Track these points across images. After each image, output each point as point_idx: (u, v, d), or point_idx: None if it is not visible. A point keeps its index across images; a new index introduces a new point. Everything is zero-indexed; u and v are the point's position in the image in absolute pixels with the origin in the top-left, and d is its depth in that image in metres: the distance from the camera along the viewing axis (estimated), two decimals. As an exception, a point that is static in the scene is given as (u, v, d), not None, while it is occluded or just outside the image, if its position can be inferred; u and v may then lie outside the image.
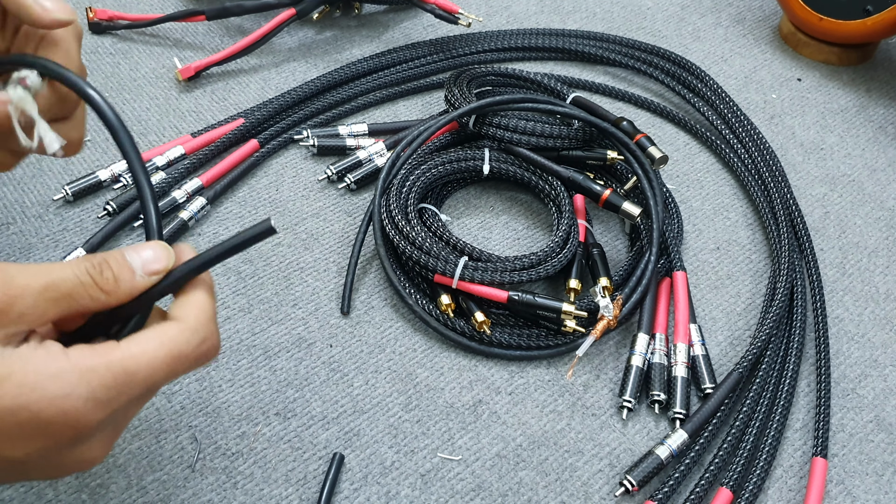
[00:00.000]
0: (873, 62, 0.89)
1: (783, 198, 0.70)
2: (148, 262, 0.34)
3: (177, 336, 0.33)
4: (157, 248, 0.35)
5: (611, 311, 0.56)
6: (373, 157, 0.70)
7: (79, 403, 0.31)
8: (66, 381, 0.31)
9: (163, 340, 0.33)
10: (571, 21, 0.90)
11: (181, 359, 0.33)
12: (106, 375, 0.31)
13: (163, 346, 0.33)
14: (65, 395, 0.30)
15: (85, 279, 0.33)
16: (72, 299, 0.32)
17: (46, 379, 0.30)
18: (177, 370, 0.33)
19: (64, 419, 0.31)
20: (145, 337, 0.33)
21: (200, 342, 0.34)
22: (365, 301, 0.61)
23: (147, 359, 0.32)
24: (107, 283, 0.33)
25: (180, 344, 0.33)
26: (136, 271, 0.34)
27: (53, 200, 0.65)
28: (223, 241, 0.35)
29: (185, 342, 0.33)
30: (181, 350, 0.33)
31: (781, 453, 0.55)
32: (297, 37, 0.84)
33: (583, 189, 0.64)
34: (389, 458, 0.53)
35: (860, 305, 0.65)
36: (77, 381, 0.31)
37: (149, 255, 0.34)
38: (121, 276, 0.33)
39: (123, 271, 0.34)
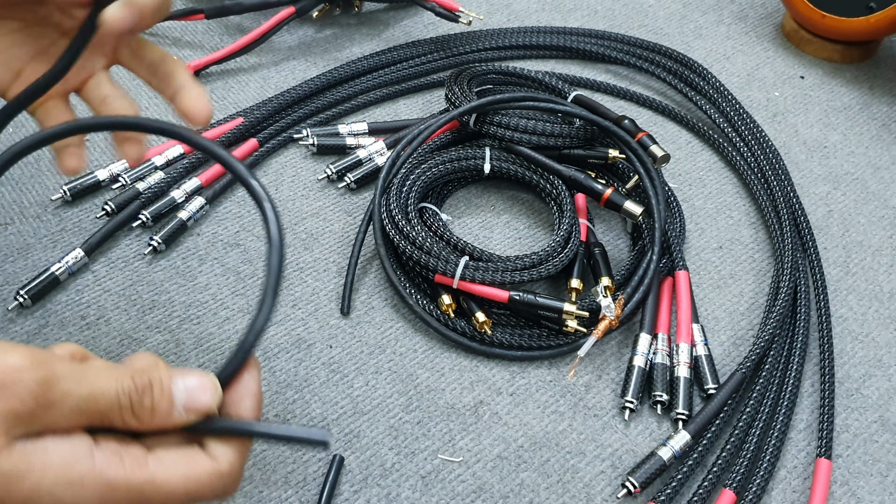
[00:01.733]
0: (876, 59, 0.88)
1: (786, 196, 0.69)
2: (192, 398, 0.32)
3: (203, 477, 0.32)
4: (206, 381, 0.33)
5: (612, 311, 0.55)
6: (373, 156, 0.70)
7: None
8: (84, 493, 0.29)
9: (188, 475, 0.32)
10: (572, 19, 0.90)
11: (198, 496, 0.32)
12: (123, 498, 0.30)
13: (187, 482, 0.32)
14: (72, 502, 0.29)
15: (124, 402, 0.31)
16: (104, 417, 0.31)
17: (64, 485, 0.29)
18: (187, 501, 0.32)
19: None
20: (174, 463, 0.32)
21: (223, 487, 0.33)
22: (365, 301, 0.61)
23: (168, 488, 0.31)
24: (143, 411, 0.31)
25: (203, 485, 0.32)
26: (177, 405, 0.32)
27: (52, 200, 0.65)
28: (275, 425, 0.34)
29: (208, 485, 0.32)
30: (202, 490, 0.32)
31: (785, 454, 0.55)
32: (296, 35, 0.84)
33: (584, 188, 0.64)
34: (390, 460, 0.52)
35: (864, 304, 0.64)
36: (94, 495, 0.30)
37: (195, 387, 0.32)
38: (158, 408, 0.32)
39: (162, 403, 0.32)
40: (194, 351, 0.56)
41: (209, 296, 0.60)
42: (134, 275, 0.61)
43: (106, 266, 0.61)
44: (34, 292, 0.57)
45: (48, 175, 0.67)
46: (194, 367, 0.33)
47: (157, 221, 0.64)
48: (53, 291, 0.59)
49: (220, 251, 0.63)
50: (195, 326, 0.58)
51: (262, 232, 0.65)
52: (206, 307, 0.59)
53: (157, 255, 0.62)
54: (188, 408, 0.32)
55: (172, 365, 0.55)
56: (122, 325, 0.57)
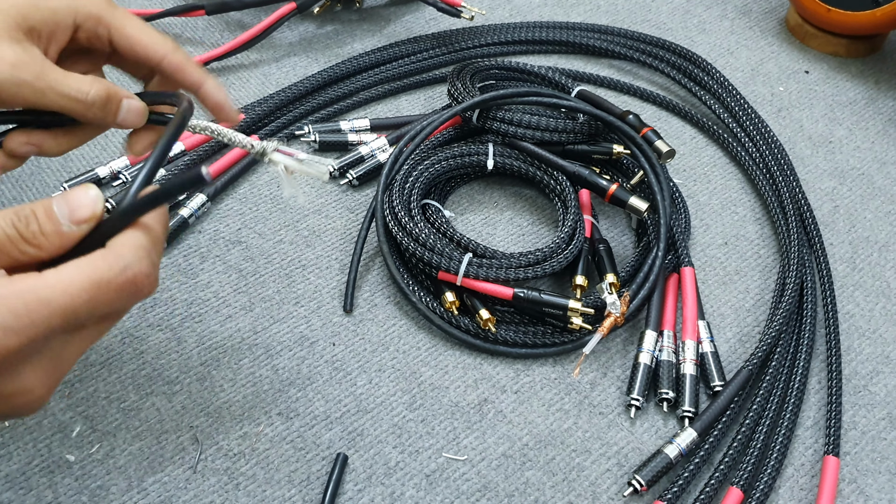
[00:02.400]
0: (882, 54, 0.88)
1: (792, 192, 0.69)
2: (74, 209, 0.33)
3: (96, 262, 0.32)
4: (85, 192, 0.33)
5: (618, 308, 0.55)
6: (375, 152, 0.69)
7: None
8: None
9: (81, 267, 0.32)
10: (575, 14, 0.89)
11: (101, 285, 0.32)
12: (16, 303, 0.30)
13: (80, 272, 0.31)
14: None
15: (11, 233, 0.32)
16: (1, 252, 0.32)
17: None
18: (98, 297, 0.32)
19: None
20: (66, 266, 0.32)
21: (123, 268, 0.32)
22: (368, 299, 0.60)
23: (63, 285, 0.31)
24: (33, 237, 0.32)
25: (100, 270, 0.32)
26: (63, 221, 0.32)
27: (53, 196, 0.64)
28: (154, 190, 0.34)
29: (106, 268, 0.32)
30: (101, 276, 0.32)
31: (792, 452, 0.54)
32: (297, 31, 0.83)
33: (589, 184, 0.63)
34: (394, 459, 0.52)
35: (871, 301, 0.64)
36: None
37: (76, 199, 0.33)
38: (46, 229, 0.32)
39: (48, 223, 0.32)
40: (196, 349, 0.56)
41: (211, 293, 0.60)
42: (135, 273, 0.60)
43: (107, 264, 0.61)
44: (35, 290, 0.57)
45: (48, 172, 0.66)
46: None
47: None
48: (54, 290, 0.58)
49: (222, 249, 0.63)
50: (197, 324, 0.58)
51: (265, 229, 0.64)
52: (207, 305, 0.59)
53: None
54: (73, 219, 0.33)
55: (173, 363, 0.54)
56: (123, 323, 0.57)
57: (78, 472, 0.49)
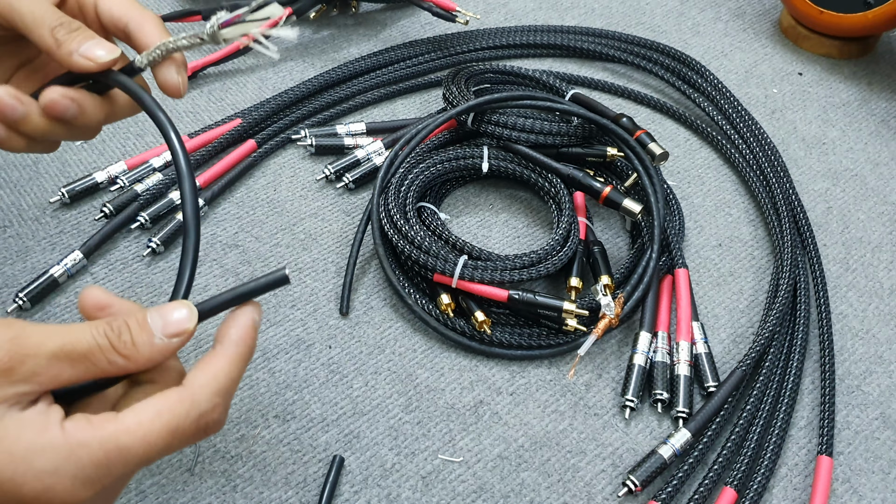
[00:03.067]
0: (874, 55, 0.88)
1: (785, 193, 0.69)
2: (168, 323, 0.33)
3: (174, 407, 0.31)
4: (180, 309, 0.33)
5: (612, 310, 0.55)
6: (371, 156, 0.70)
7: (65, 481, 0.29)
8: (54, 456, 0.29)
9: (160, 411, 0.31)
10: (570, 17, 0.90)
11: (178, 433, 0.31)
12: (97, 453, 0.30)
13: (160, 418, 0.31)
14: (52, 472, 0.29)
15: (102, 342, 0.31)
16: (89, 362, 0.31)
17: (36, 451, 0.29)
18: (172, 444, 0.31)
19: (47, 496, 0.29)
20: (143, 407, 0.31)
21: (200, 416, 0.32)
22: (364, 301, 0.61)
23: (142, 433, 0.31)
24: (125, 346, 0.32)
25: (178, 417, 0.31)
26: (156, 333, 0.32)
27: (50, 203, 0.65)
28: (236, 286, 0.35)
29: (183, 415, 0.31)
30: (178, 424, 0.31)
31: (786, 452, 0.55)
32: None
33: (583, 186, 0.64)
34: (390, 461, 0.52)
35: (864, 301, 0.64)
36: (66, 456, 0.29)
37: (170, 314, 0.33)
38: (139, 340, 0.32)
39: (142, 335, 0.32)
40: (194, 352, 0.56)
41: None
42: (133, 276, 0.61)
43: (105, 268, 0.61)
44: (33, 295, 0.57)
45: (46, 178, 0.67)
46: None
47: (156, 223, 0.64)
48: (52, 294, 0.59)
49: (219, 252, 0.63)
50: (194, 328, 0.58)
51: (261, 233, 0.65)
52: (204, 309, 0.59)
53: (155, 256, 0.62)
54: (168, 333, 0.32)
55: (171, 367, 0.55)
56: (120, 328, 0.57)
57: (76, 475, 0.50)
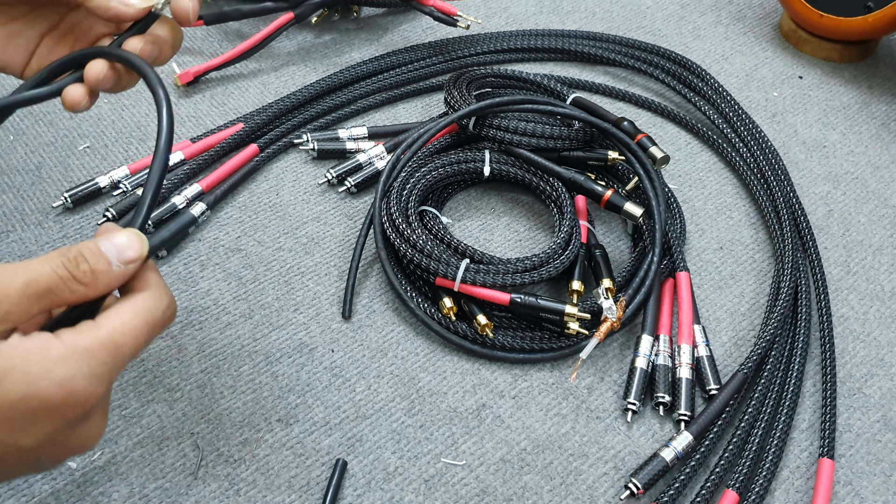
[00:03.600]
0: (875, 58, 0.89)
1: (786, 196, 0.70)
2: (122, 249, 0.35)
3: (149, 304, 0.35)
4: (130, 235, 0.36)
5: (614, 313, 0.55)
6: (373, 160, 0.70)
7: (84, 382, 0.32)
8: (70, 364, 0.32)
9: (138, 310, 0.35)
10: (571, 21, 0.90)
11: (154, 324, 0.35)
12: (101, 353, 0.33)
13: (139, 316, 0.34)
14: (71, 377, 0.31)
15: (62, 273, 0.33)
16: (53, 294, 0.33)
17: (51, 364, 0.31)
18: (152, 335, 0.35)
19: (73, 399, 0.32)
20: (122, 310, 0.34)
21: (167, 307, 0.36)
22: (366, 305, 0.61)
23: (129, 329, 0.34)
24: (84, 275, 0.34)
25: (153, 311, 0.35)
26: (112, 261, 0.35)
27: (53, 208, 0.65)
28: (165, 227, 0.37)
29: (155, 308, 0.35)
30: (153, 316, 0.35)
31: (788, 454, 0.55)
32: (295, 41, 0.84)
33: (584, 190, 0.64)
34: (393, 464, 0.52)
35: (865, 304, 0.64)
36: (79, 361, 0.32)
37: (122, 242, 0.35)
38: (97, 268, 0.34)
39: (99, 262, 0.34)
40: (196, 356, 0.57)
41: (211, 301, 0.60)
42: (135, 281, 0.61)
43: (107, 273, 0.61)
44: (36, 299, 0.57)
45: (49, 182, 0.67)
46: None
47: (158, 227, 0.64)
48: (55, 298, 0.59)
49: (222, 256, 0.63)
50: (197, 332, 0.58)
51: (264, 237, 0.65)
52: (207, 312, 0.59)
53: (158, 260, 0.62)
54: (122, 259, 0.35)
55: (174, 370, 0.55)
56: (124, 332, 0.57)
57: (80, 478, 0.50)
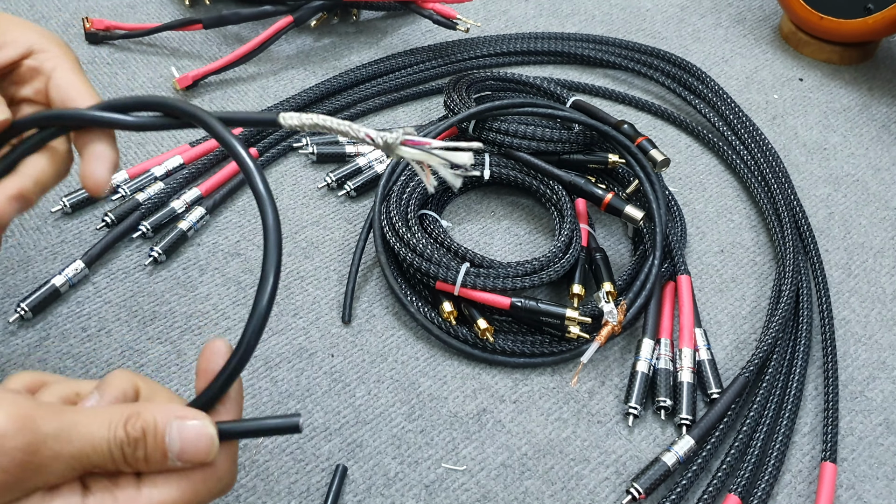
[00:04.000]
0: (875, 60, 0.88)
1: (787, 199, 0.69)
2: (188, 444, 0.31)
3: (199, 484, 0.32)
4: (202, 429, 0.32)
5: (615, 317, 0.55)
6: (372, 163, 0.70)
7: None
8: None
9: (185, 490, 0.31)
10: (570, 24, 0.90)
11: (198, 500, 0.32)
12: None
13: (184, 496, 0.31)
14: None
15: (117, 455, 0.30)
16: (97, 468, 0.30)
17: None
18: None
19: None
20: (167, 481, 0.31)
21: (222, 488, 0.33)
22: (366, 310, 0.61)
23: None
24: (137, 462, 0.31)
25: (201, 492, 0.32)
26: (170, 455, 0.31)
27: (52, 212, 0.65)
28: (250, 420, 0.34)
29: (205, 489, 0.32)
30: (200, 497, 0.32)
31: (790, 458, 0.54)
32: (295, 44, 0.84)
33: (584, 193, 0.64)
34: (393, 469, 0.52)
35: (867, 307, 0.64)
36: None
37: (191, 436, 0.31)
38: (152, 459, 0.31)
39: (156, 454, 0.31)
40: (195, 361, 0.56)
41: (210, 306, 0.60)
42: (135, 286, 0.61)
43: (106, 277, 0.61)
44: (35, 305, 0.57)
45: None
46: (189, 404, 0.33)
47: (158, 232, 0.64)
48: (54, 304, 0.59)
49: (221, 261, 0.63)
50: (196, 337, 0.58)
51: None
52: (207, 317, 0.59)
53: (157, 265, 0.62)
54: (183, 458, 0.31)
55: (173, 376, 0.55)
56: (123, 337, 0.57)
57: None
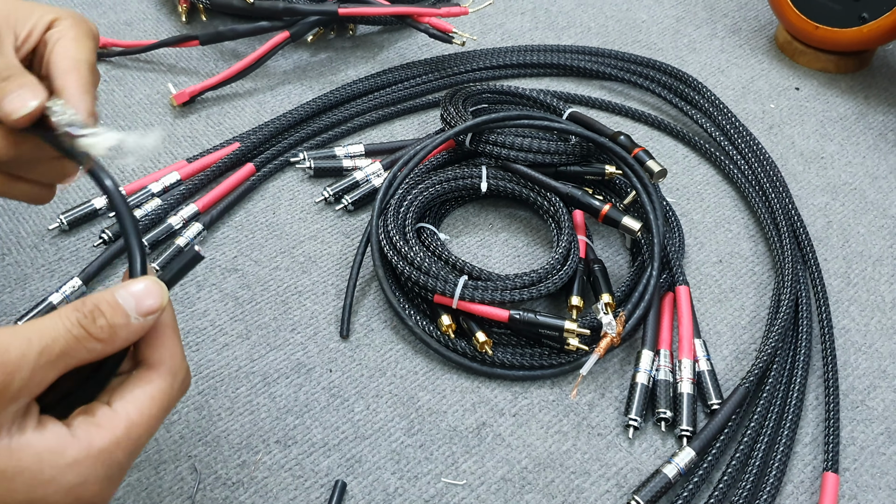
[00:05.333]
0: (871, 69, 0.89)
1: (785, 208, 0.69)
2: (141, 298, 0.32)
3: (163, 386, 0.33)
4: (148, 282, 0.33)
5: (614, 328, 0.55)
6: (370, 177, 0.70)
7: (96, 487, 0.31)
8: (82, 469, 0.30)
9: (153, 395, 0.33)
10: (566, 36, 0.90)
11: (169, 406, 0.34)
12: (118, 453, 0.31)
13: (155, 402, 0.33)
14: (82, 483, 0.30)
15: (78, 332, 0.31)
16: (69, 357, 0.31)
17: (64, 469, 0.30)
18: (168, 409, 0.34)
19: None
20: (137, 397, 0.33)
21: (181, 385, 0.34)
22: (364, 324, 0.61)
23: (146, 420, 0.32)
24: (101, 331, 0.31)
25: (166, 392, 0.33)
26: (131, 314, 0.32)
27: (49, 230, 0.65)
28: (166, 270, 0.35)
29: (169, 388, 0.33)
30: (169, 398, 0.34)
31: (791, 469, 0.54)
32: (291, 59, 0.84)
33: (582, 204, 0.64)
34: (392, 485, 0.52)
35: (866, 315, 0.64)
36: (93, 465, 0.30)
37: (140, 290, 0.33)
38: (115, 322, 0.32)
39: (117, 316, 0.32)
40: (194, 378, 0.56)
41: (207, 322, 0.60)
42: (132, 303, 0.60)
43: (104, 294, 0.61)
44: (32, 323, 0.57)
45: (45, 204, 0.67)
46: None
47: (155, 248, 0.64)
48: (51, 321, 0.59)
49: (218, 277, 0.63)
50: (194, 353, 0.58)
51: (261, 256, 0.64)
52: (204, 333, 0.59)
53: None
54: (141, 311, 0.32)
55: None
56: (120, 354, 0.57)
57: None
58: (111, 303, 0.32)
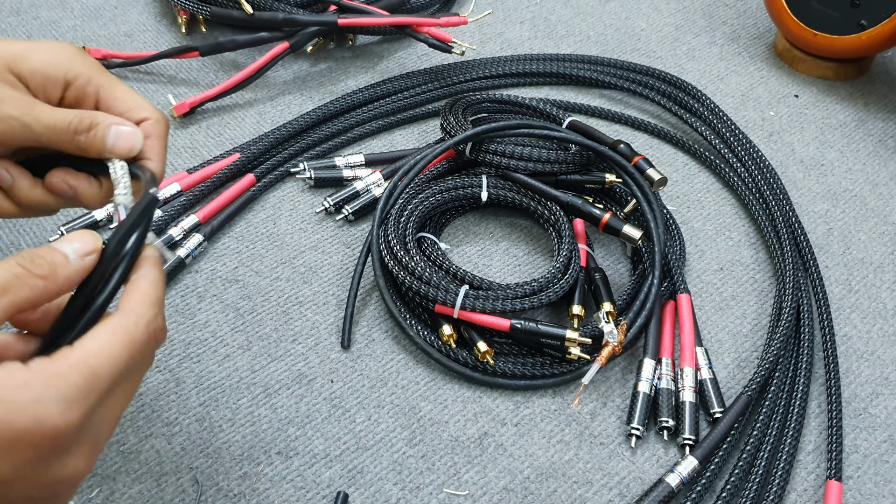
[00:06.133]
0: (870, 76, 0.89)
1: (785, 215, 0.69)
2: (75, 243, 0.35)
3: (126, 322, 0.34)
4: (81, 233, 0.36)
5: (615, 337, 0.55)
6: (370, 187, 0.70)
7: (51, 408, 0.31)
8: (33, 389, 0.30)
9: (114, 330, 0.33)
10: (565, 45, 0.90)
11: (135, 344, 0.34)
12: (72, 376, 0.31)
13: (115, 335, 0.33)
14: (35, 402, 0.30)
15: (17, 270, 0.33)
16: (11, 293, 0.32)
17: (13, 390, 0.30)
18: (134, 357, 0.34)
19: (39, 427, 0.30)
20: (96, 333, 0.33)
21: (147, 325, 0.35)
22: (365, 334, 0.60)
23: (106, 352, 0.33)
24: (40, 268, 0.33)
25: (130, 329, 0.34)
26: (70, 255, 0.34)
27: (49, 241, 0.65)
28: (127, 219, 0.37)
29: (134, 326, 0.34)
30: (132, 335, 0.34)
31: (794, 477, 0.54)
32: (291, 70, 0.84)
33: (582, 213, 0.64)
34: (394, 496, 0.52)
35: (868, 322, 0.64)
36: (44, 386, 0.31)
37: (74, 236, 0.35)
38: (54, 260, 0.34)
39: (55, 255, 0.34)
40: (195, 389, 0.56)
41: (209, 333, 0.60)
42: (133, 314, 0.60)
43: (105, 306, 0.61)
44: (33, 335, 0.57)
45: (46, 217, 0.67)
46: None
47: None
48: (52, 333, 0.59)
49: (219, 288, 0.63)
50: (195, 364, 0.58)
51: (261, 267, 0.64)
52: (205, 345, 0.59)
53: (155, 293, 0.62)
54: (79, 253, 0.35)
55: (172, 404, 0.54)
56: (121, 366, 0.57)
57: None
58: (49, 248, 0.34)
